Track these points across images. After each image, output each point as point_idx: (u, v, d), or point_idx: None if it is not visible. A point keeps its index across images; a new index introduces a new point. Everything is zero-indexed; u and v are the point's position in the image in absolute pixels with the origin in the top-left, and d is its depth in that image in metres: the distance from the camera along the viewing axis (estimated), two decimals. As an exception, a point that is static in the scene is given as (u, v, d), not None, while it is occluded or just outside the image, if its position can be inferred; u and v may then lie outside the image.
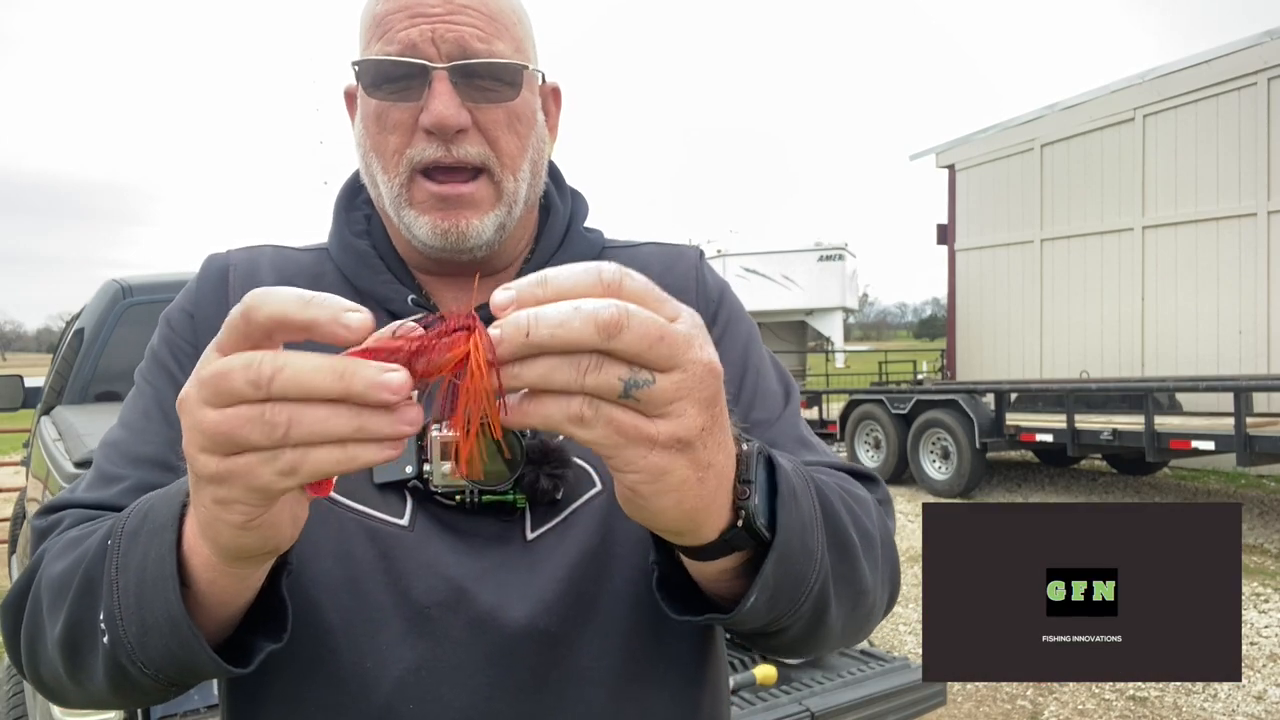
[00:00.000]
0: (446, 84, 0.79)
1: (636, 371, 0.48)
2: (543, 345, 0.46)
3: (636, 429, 0.49)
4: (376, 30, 0.80)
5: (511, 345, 0.46)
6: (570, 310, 0.46)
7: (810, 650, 0.76)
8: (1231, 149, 10.76)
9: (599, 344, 0.46)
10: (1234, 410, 7.25)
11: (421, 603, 0.75)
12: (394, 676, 0.74)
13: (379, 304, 0.86)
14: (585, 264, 0.48)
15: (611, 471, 0.53)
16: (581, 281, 0.47)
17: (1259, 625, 5.21)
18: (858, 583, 0.72)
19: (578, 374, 0.47)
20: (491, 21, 0.81)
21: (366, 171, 0.86)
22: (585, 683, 0.77)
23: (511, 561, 0.77)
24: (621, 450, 0.50)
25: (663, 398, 0.48)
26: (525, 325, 0.46)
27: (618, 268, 0.48)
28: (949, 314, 15.06)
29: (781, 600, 0.64)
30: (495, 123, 0.81)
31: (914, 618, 5.53)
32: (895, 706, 2.56)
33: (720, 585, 0.66)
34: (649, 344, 0.47)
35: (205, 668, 0.62)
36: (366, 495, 0.78)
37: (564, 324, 0.46)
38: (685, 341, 0.49)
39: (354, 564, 0.75)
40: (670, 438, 0.50)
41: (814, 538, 0.65)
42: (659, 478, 0.51)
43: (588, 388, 0.47)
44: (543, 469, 0.77)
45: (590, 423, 0.48)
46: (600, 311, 0.46)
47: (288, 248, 0.94)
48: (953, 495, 9.43)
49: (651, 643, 0.80)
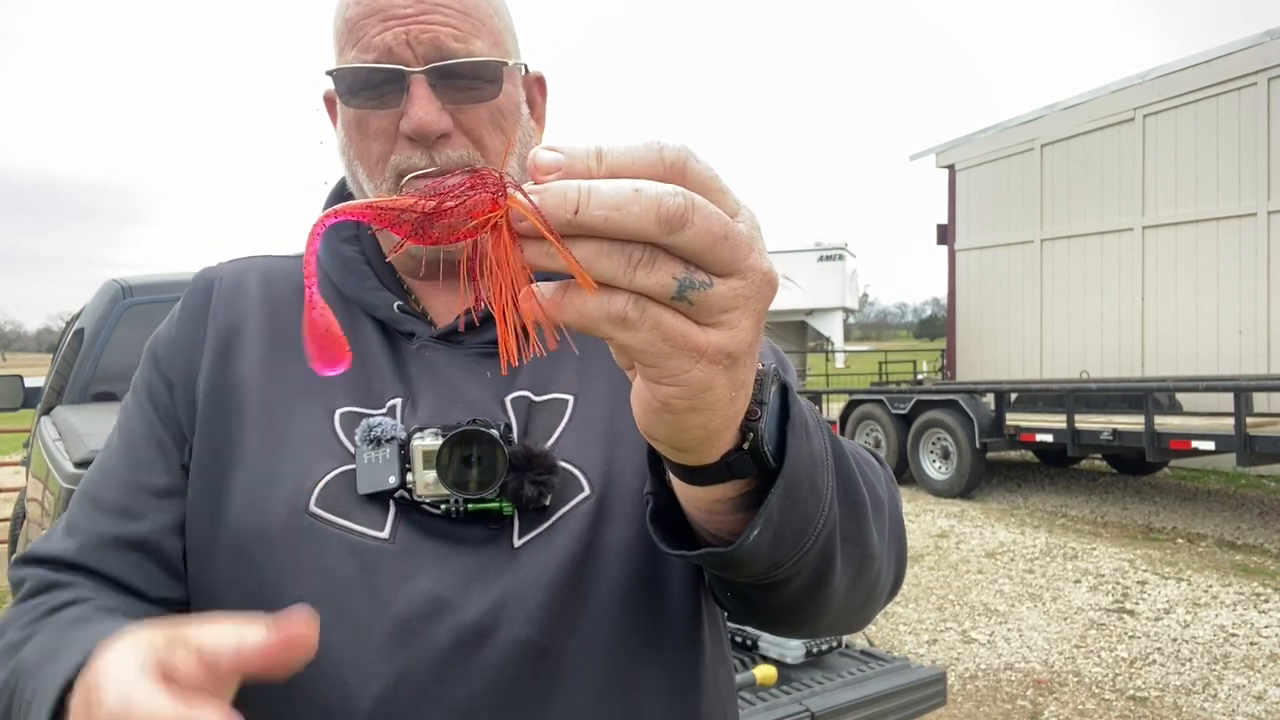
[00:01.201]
0: (425, 88, 0.77)
1: (693, 272, 0.42)
2: (592, 228, 0.40)
3: (685, 337, 0.43)
4: (350, 36, 0.79)
5: (554, 219, 0.40)
6: (630, 192, 0.40)
7: (808, 617, 0.70)
8: (1231, 149, 10.75)
9: (657, 236, 0.40)
10: (1234, 410, 7.25)
11: (402, 615, 0.72)
12: (374, 692, 0.71)
13: (366, 310, 0.85)
14: (646, 140, 0.42)
15: (645, 382, 0.47)
16: (641, 159, 0.41)
17: (1259, 625, 5.21)
18: (865, 545, 0.67)
19: (627, 266, 0.41)
20: (466, 18, 0.79)
21: (352, 179, 0.85)
22: (572, 692, 0.74)
23: (497, 570, 0.75)
24: (665, 360, 0.44)
25: (718, 304, 0.43)
26: (574, 199, 0.40)
27: (682, 145, 0.42)
28: (949, 314, 15.06)
29: (786, 541, 0.58)
30: (478, 122, 0.80)
31: (914, 618, 5.53)
32: (895, 706, 2.56)
33: (713, 521, 0.61)
34: (711, 243, 0.41)
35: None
36: (347, 508, 0.75)
37: (621, 206, 0.40)
38: (748, 244, 0.43)
39: (334, 581, 0.73)
40: (719, 350, 0.45)
41: (823, 479, 0.59)
42: (699, 394, 0.46)
43: (636, 284, 0.41)
44: (527, 475, 0.75)
45: (634, 325, 0.42)
46: (665, 199, 0.40)
47: (278, 257, 0.93)
48: (953, 495, 9.43)
49: (641, 651, 0.78)
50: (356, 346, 0.83)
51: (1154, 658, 4.76)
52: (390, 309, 0.84)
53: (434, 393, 0.80)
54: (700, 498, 0.58)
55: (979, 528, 8.04)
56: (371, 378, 0.82)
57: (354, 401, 0.80)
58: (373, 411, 0.80)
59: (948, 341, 15.08)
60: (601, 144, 0.41)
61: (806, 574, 0.62)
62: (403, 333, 0.84)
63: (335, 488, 0.76)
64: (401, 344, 0.84)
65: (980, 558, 6.97)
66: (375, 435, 0.76)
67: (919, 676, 2.67)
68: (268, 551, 0.74)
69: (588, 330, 0.43)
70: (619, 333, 0.43)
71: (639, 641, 0.78)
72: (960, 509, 8.92)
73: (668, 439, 0.51)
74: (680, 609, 0.80)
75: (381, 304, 0.85)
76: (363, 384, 0.81)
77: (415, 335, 0.83)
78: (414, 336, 0.83)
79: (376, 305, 0.85)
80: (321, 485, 0.76)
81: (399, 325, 0.84)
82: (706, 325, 0.44)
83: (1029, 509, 8.98)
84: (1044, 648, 4.95)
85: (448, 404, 0.80)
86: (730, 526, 0.60)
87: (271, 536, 0.75)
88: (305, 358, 0.45)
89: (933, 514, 8.68)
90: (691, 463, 0.54)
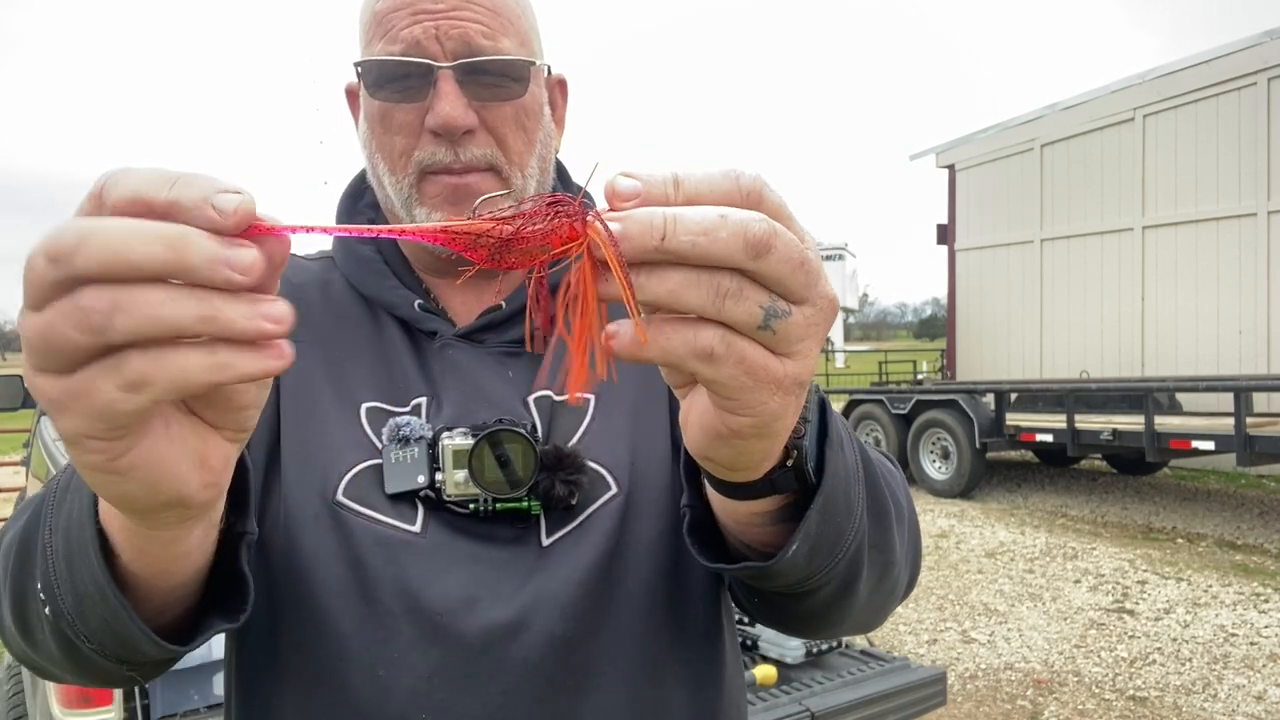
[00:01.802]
0: (452, 83, 0.77)
1: (776, 301, 0.41)
2: (680, 253, 0.39)
3: (766, 369, 0.43)
4: (378, 28, 0.79)
5: (639, 247, 0.39)
6: (717, 218, 0.39)
7: (831, 623, 0.71)
8: (1231, 149, 10.75)
9: (743, 262, 0.39)
10: (1234, 410, 7.25)
11: (433, 609, 0.73)
12: (407, 685, 0.72)
13: (386, 310, 0.85)
14: (720, 166, 0.41)
15: (716, 411, 0.46)
16: (719, 187, 0.40)
17: (1259, 625, 5.21)
18: (889, 551, 0.68)
19: (717, 296, 0.40)
20: (496, 16, 0.79)
21: (373, 172, 0.85)
22: (601, 688, 0.76)
23: (526, 567, 0.76)
24: (746, 393, 0.43)
25: (795, 333, 0.42)
26: (661, 226, 0.38)
27: (757, 174, 0.41)
28: (949, 314, 15.05)
29: (820, 554, 0.59)
30: (503, 121, 0.80)
31: (914, 618, 5.53)
32: (895, 706, 2.56)
33: (747, 532, 0.62)
34: (791, 269, 0.41)
35: (139, 643, 0.56)
36: (376, 502, 0.76)
37: (709, 232, 0.39)
38: (818, 270, 0.42)
39: (364, 570, 0.74)
40: (794, 380, 0.44)
41: (855, 492, 0.61)
42: (772, 422, 0.46)
43: (725, 315, 0.40)
44: (558, 475, 0.76)
45: (720, 360, 0.41)
46: (751, 224, 0.39)
47: (297, 257, 0.92)
48: (953, 495, 9.43)
49: (666, 646, 0.79)
50: (380, 344, 0.84)
51: (1154, 658, 4.76)
52: (411, 307, 0.84)
53: (458, 391, 0.81)
54: (738, 511, 0.59)
55: (979, 528, 8.04)
56: (395, 375, 0.82)
57: (379, 397, 0.81)
58: (398, 409, 0.80)
59: (948, 341, 15.08)
60: (678, 170, 0.40)
61: (836, 583, 0.64)
62: (424, 331, 0.84)
63: (363, 481, 0.77)
64: (423, 342, 0.84)
65: (980, 558, 6.97)
66: (404, 435, 0.77)
67: (919, 676, 2.67)
68: (295, 537, 0.74)
69: (670, 364, 0.42)
70: (704, 367, 0.42)
71: (664, 638, 0.79)
72: (960, 509, 8.91)
73: (728, 462, 0.52)
74: (702, 606, 0.82)
75: (402, 302, 0.85)
76: (387, 380, 0.82)
77: (438, 334, 0.84)
78: (436, 335, 0.84)
79: (397, 304, 0.85)
80: (349, 477, 0.77)
81: (420, 324, 0.84)
82: (783, 355, 0.43)
83: (1029, 509, 8.97)
84: (1044, 648, 4.95)
85: (472, 403, 0.80)
86: (763, 538, 0.62)
87: (299, 523, 0.75)
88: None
89: (933, 514, 8.68)
90: (738, 480, 0.55)
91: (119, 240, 0.35)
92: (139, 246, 0.35)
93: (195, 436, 0.43)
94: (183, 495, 0.44)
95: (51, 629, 0.58)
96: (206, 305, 0.36)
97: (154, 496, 0.43)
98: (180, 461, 0.43)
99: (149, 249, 0.35)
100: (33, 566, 0.58)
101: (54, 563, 0.56)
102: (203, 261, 0.36)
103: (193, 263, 0.36)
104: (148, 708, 2.10)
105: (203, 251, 0.36)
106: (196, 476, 0.44)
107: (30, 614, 0.60)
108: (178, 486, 0.43)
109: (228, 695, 0.82)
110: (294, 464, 0.77)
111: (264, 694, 0.77)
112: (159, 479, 0.42)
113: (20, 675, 3.05)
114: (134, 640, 0.55)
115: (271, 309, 0.38)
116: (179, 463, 0.43)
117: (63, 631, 0.57)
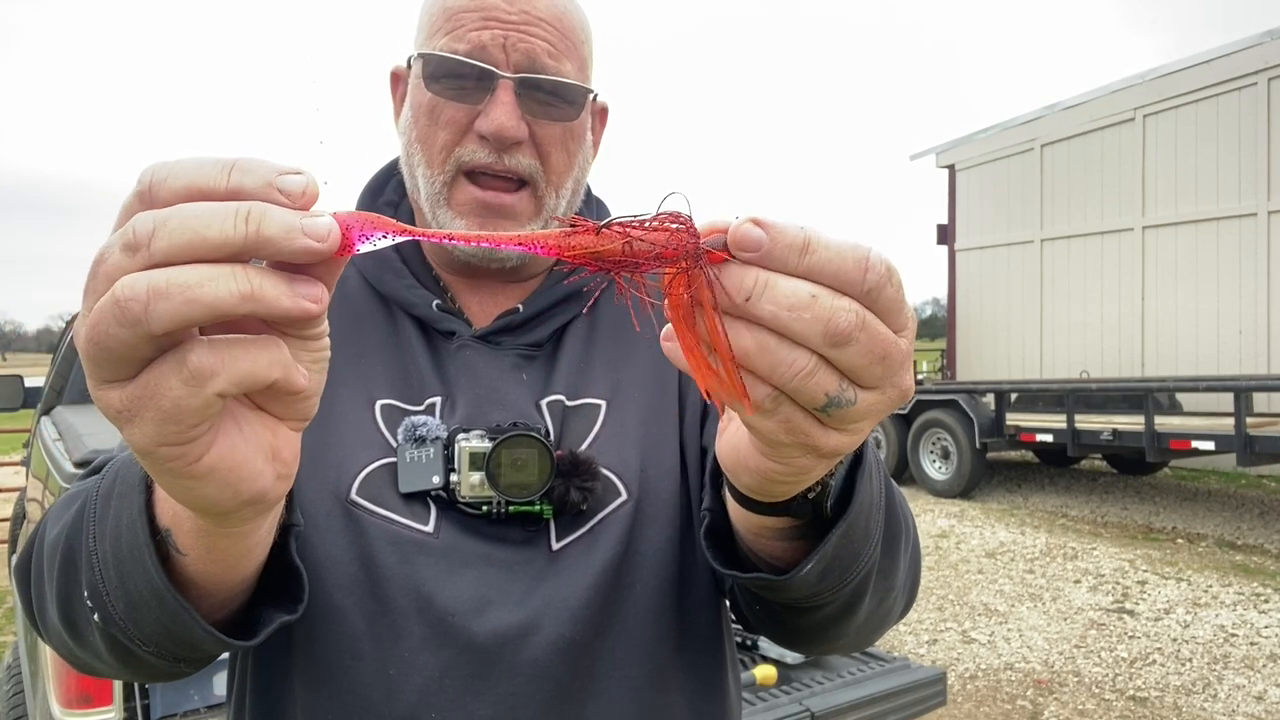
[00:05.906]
0: (510, 94, 0.78)
1: (845, 389, 0.42)
2: (758, 319, 0.40)
3: (809, 436, 0.43)
4: (446, 24, 0.80)
5: (722, 299, 0.40)
6: (807, 298, 0.39)
7: (825, 642, 0.73)
8: (1231, 149, 10.75)
9: (820, 348, 0.40)
10: (1234, 410, 7.25)
11: (445, 610, 0.74)
12: (416, 684, 0.73)
13: (403, 308, 0.85)
14: (856, 244, 0.41)
15: (751, 447, 0.47)
16: (843, 267, 0.40)
17: (1259, 625, 5.21)
18: (892, 577, 0.69)
19: (786, 369, 0.40)
20: (564, 39, 0.80)
21: (406, 160, 0.86)
22: (607, 693, 0.76)
23: (537, 571, 0.76)
24: (783, 449, 0.45)
25: (854, 416, 0.43)
26: (749, 288, 0.39)
27: (889, 263, 0.41)
28: (949, 314, 15.05)
29: (832, 575, 0.61)
30: (551, 139, 0.81)
31: (914, 618, 5.53)
32: (895, 706, 2.56)
33: (760, 543, 0.63)
34: (869, 361, 0.41)
35: (201, 642, 0.57)
36: (390, 501, 0.76)
37: (795, 309, 0.39)
38: (901, 361, 0.42)
39: (376, 569, 0.74)
40: (835, 451, 0.45)
41: (875, 522, 0.62)
42: (800, 475, 0.47)
43: (788, 389, 0.41)
44: (573, 481, 0.76)
45: (767, 414, 0.42)
46: (838, 316, 0.39)
47: None
48: (953, 495, 9.43)
49: (672, 652, 0.80)
50: (397, 342, 0.84)
51: (1154, 658, 4.76)
52: (429, 307, 0.85)
53: (472, 392, 0.81)
54: (754, 522, 0.61)
55: (979, 528, 8.04)
56: (410, 374, 0.82)
57: (394, 395, 0.81)
58: (413, 408, 0.80)
59: (948, 341, 15.07)
60: (811, 235, 0.39)
61: (840, 603, 0.65)
62: (441, 331, 0.85)
63: (376, 480, 0.77)
64: (439, 342, 0.85)
65: (980, 558, 6.97)
66: (419, 434, 0.77)
67: (919, 676, 2.67)
68: (308, 535, 0.75)
69: (716, 395, 0.42)
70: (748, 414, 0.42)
71: (670, 645, 0.80)
72: (960, 509, 8.91)
73: (750, 489, 0.53)
74: (705, 613, 0.83)
75: (420, 302, 0.85)
76: (402, 379, 0.82)
77: (455, 334, 0.84)
78: (454, 335, 0.84)
79: (414, 303, 0.85)
80: (363, 475, 0.77)
81: (438, 324, 0.85)
82: (832, 428, 0.44)
83: (1029, 509, 8.97)
84: (1044, 648, 4.95)
85: (486, 405, 0.80)
86: (775, 551, 0.63)
87: (313, 521, 0.75)
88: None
89: (933, 514, 8.67)
90: (758, 499, 0.56)
91: (196, 220, 0.35)
92: (216, 224, 0.36)
93: (266, 430, 0.44)
94: (262, 490, 0.44)
95: (101, 633, 0.59)
96: (245, 283, 0.36)
97: (235, 496, 0.44)
98: (255, 458, 0.43)
99: (225, 225, 0.36)
100: (78, 573, 0.59)
101: (101, 570, 0.56)
102: (280, 232, 0.36)
103: (270, 234, 0.36)
104: (148, 708, 2.10)
105: (280, 221, 0.36)
106: (271, 470, 0.45)
107: (79, 619, 0.61)
108: (257, 483, 0.44)
109: (238, 692, 0.82)
110: (307, 461, 0.77)
111: (275, 691, 0.77)
112: (238, 479, 0.43)
113: (20, 675, 3.04)
114: (196, 640, 0.56)
115: (310, 288, 0.38)
116: (254, 459, 0.43)
117: (114, 635, 0.58)
